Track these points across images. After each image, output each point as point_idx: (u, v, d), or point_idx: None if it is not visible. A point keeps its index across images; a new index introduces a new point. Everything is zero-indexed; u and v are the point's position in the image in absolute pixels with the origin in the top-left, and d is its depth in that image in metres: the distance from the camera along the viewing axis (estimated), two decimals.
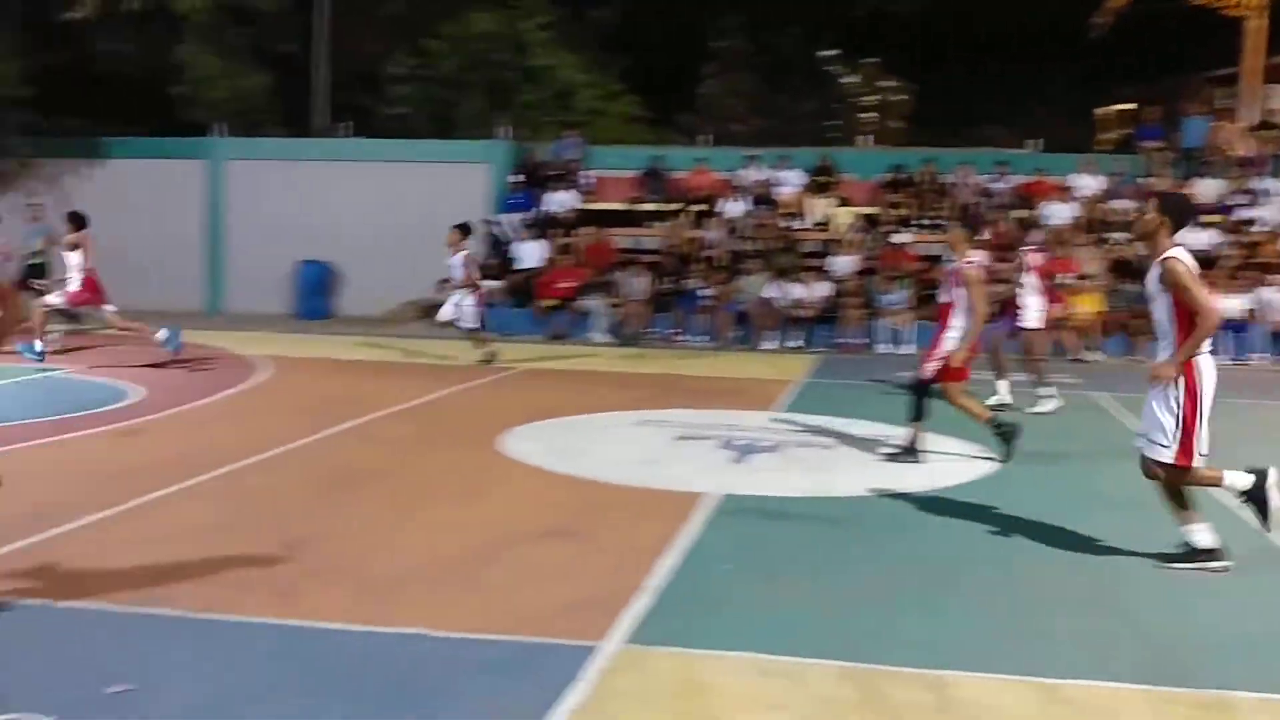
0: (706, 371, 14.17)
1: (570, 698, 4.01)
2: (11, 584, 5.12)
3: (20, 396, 10.97)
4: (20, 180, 20.63)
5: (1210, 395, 5.67)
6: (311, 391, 11.69)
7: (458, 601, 5.10)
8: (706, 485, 7.45)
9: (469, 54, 26.46)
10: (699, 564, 5.74)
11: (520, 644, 4.54)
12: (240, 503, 6.89)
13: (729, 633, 4.73)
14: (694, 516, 6.64)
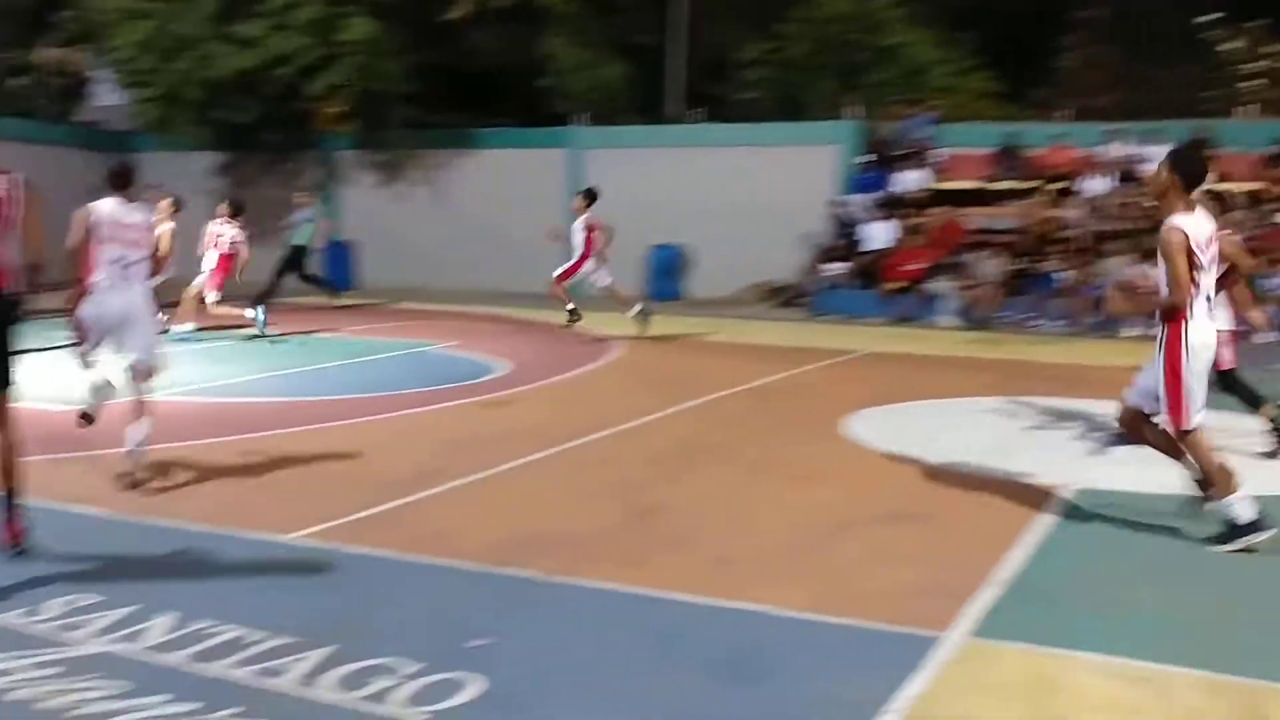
0: (1062, 358, 13.41)
1: (912, 686, 3.89)
2: (389, 540, 5.57)
3: (399, 369, 11.92)
4: (402, 171, 22.44)
5: (1198, 362, 5.52)
6: (661, 369, 12.01)
7: (799, 581, 5.07)
8: (1060, 477, 7.03)
9: (820, 37, 26.28)
10: (1051, 558, 5.42)
11: (861, 629, 4.46)
12: (594, 472, 7.17)
13: (1082, 632, 4.43)
14: (1046, 508, 6.29)
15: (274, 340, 13.60)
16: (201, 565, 5.25)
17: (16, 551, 5.25)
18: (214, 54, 20.30)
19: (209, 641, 4.22)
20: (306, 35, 20.00)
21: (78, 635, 4.28)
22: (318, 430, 8.46)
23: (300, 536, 5.60)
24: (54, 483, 6.56)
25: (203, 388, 10.24)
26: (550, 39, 21.20)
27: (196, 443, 7.88)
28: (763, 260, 19.77)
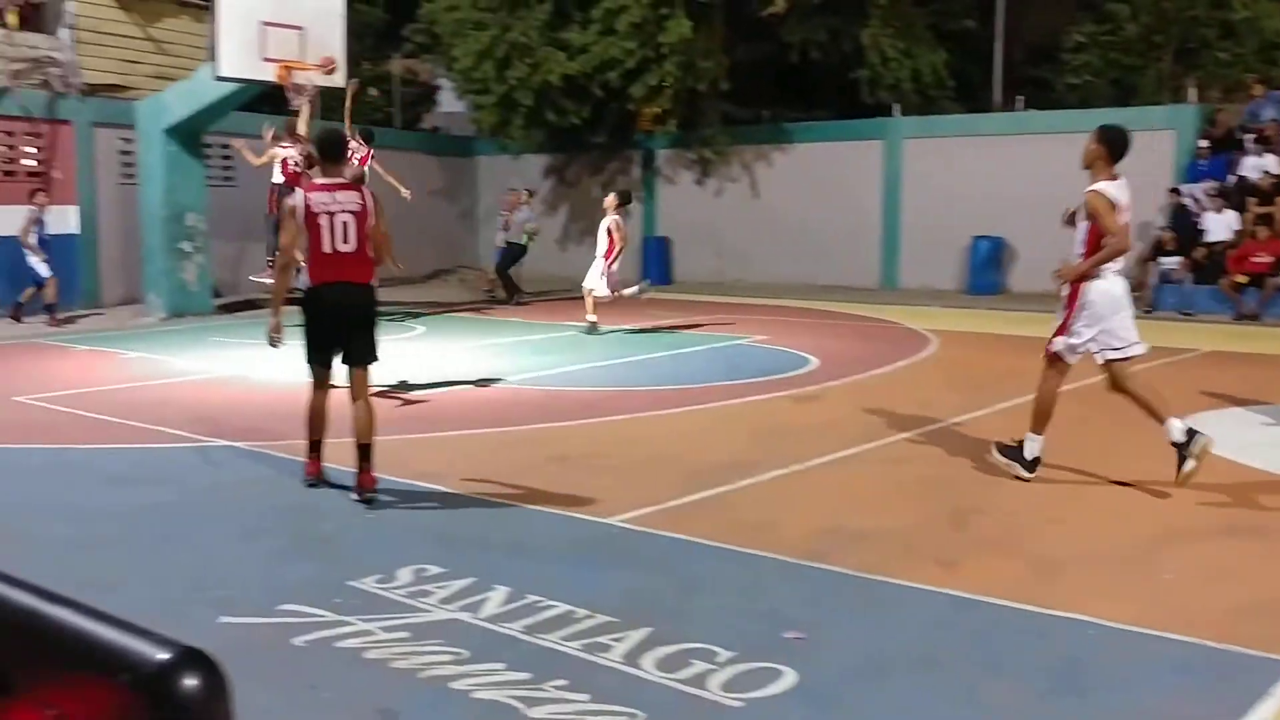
0: None
1: (1259, 712, 3.63)
2: (704, 527, 5.72)
3: (712, 361, 12.14)
4: (718, 167, 22.79)
5: (1101, 309, 6.53)
6: (978, 366, 11.65)
7: (1128, 592, 4.82)
8: None
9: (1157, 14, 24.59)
10: None
11: (1197, 646, 4.19)
12: (906, 470, 7.07)
13: None
14: None
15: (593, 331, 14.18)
16: (531, 542, 5.57)
17: (367, 499, 6.16)
18: (546, 61, 21.31)
19: (539, 615, 4.48)
20: (630, 39, 20.65)
21: (424, 603, 4.64)
22: (636, 419, 8.77)
23: (621, 520, 5.84)
24: (405, 460, 7.14)
25: (533, 376, 10.82)
26: (868, 29, 20.91)
27: (525, 427, 8.34)
28: None
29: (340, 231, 6.18)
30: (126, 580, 4.93)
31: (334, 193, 6.25)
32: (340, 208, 6.19)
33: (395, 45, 27.42)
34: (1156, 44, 24.58)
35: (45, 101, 16.51)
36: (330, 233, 6.16)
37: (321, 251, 6.20)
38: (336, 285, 6.24)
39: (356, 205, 6.23)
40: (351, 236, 6.19)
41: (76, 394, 9.83)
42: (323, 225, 6.17)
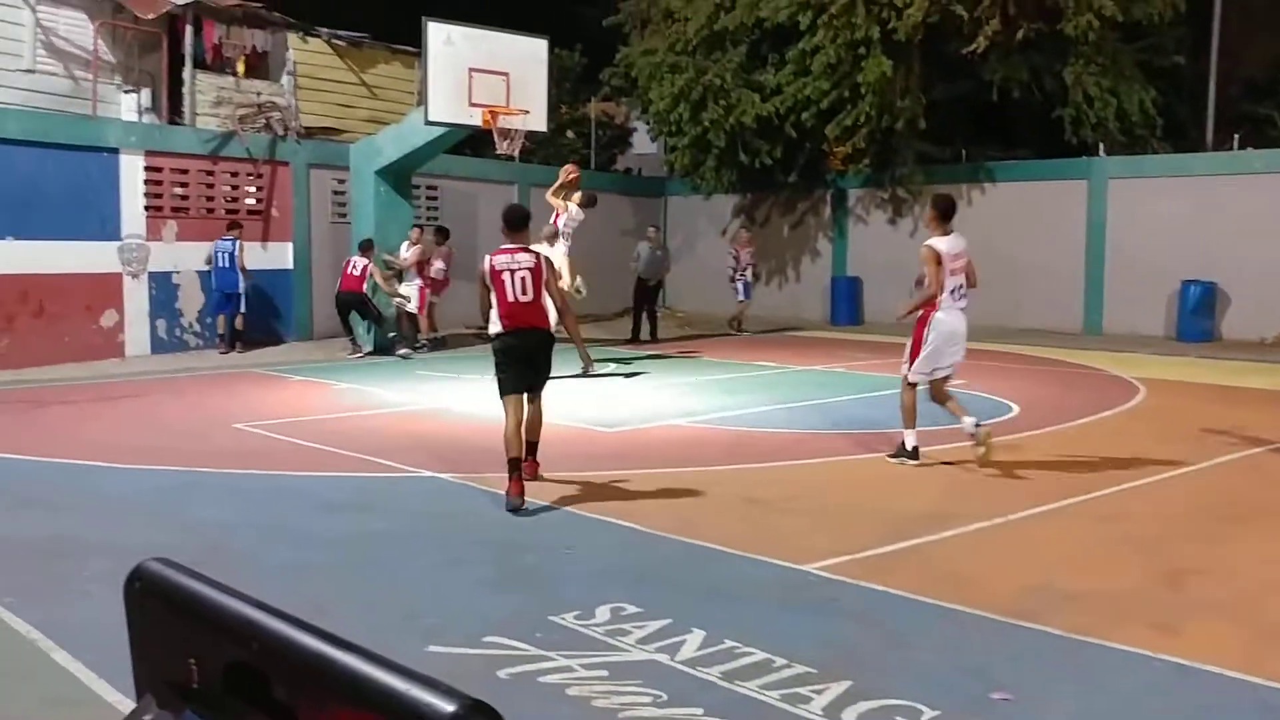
0: None
1: None
2: (903, 579, 5.59)
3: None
4: (911, 206, 22.45)
5: (937, 340, 8.43)
6: (1189, 418, 11.08)
7: None
8: None
9: None
10: None
11: None
12: (1115, 527, 6.77)
13: None
14: None
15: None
16: (725, 586, 5.56)
17: (514, 508, 6.88)
18: (740, 102, 21.46)
19: (737, 661, 4.46)
20: (825, 80, 20.61)
21: (622, 642, 4.69)
22: (829, 463, 8.68)
23: (818, 567, 5.77)
24: (602, 497, 7.25)
25: (724, 416, 10.83)
26: (1071, 67, 20.30)
27: (719, 468, 8.36)
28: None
29: (519, 286, 7.36)
30: (339, 604, 5.14)
31: (514, 255, 7.45)
32: (519, 266, 7.40)
33: (593, 89, 28.08)
34: None
35: (267, 144, 17.53)
36: (511, 287, 7.34)
37: (507, 302, 7.33)
38: (521, 331, 7.42)
39: (531, 265, 7.42)
40: (529, 289, 7.37)
41: (291, 422, 10.35)
42: (505, 282, 7.34)
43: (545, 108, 15.64)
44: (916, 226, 22.32)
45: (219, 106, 17.38)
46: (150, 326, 15.89)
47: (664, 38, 22.94)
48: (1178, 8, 20.39)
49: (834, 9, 20.19)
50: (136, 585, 1.13)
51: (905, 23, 19.82)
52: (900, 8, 19.89)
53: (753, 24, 21.59)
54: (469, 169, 21.50)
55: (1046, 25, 19.94)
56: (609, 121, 30.53)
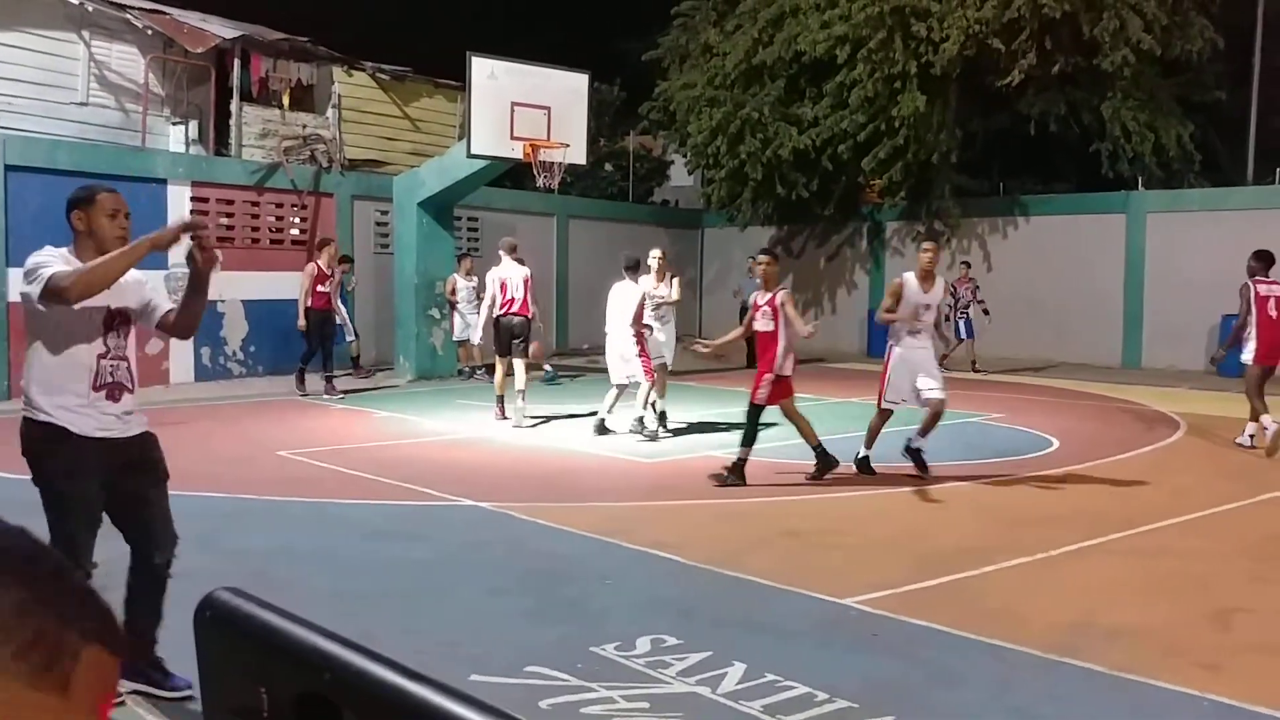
0: None
1: None
2: (945, 614, 5.58)
3: (945, 439, 11.84)
4: (947, 240, 22.43)
5: (894, 374, 9.25)
6: (1232, 454, 10.98)
7: None
8: None
9: None
10: None
11: None
12: (1159, 563, 6.73)
13: None
14: None
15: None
16: (766, 619, 5.58)
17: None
18: (778, 135, 21.57)
19: (779, 695, 4.48)
20: (862, 114, 20.70)
21: (663, 674, 4.71)
22: (867, 495, 8.68)
23: (858, 601, 5.78)
24: (642, 528, 7.29)
25: (757, 448, 10.81)
26: (1109, 101, 20.28)
27: (757, 500, 8.37)
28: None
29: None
30: (384, 632, 5.19)
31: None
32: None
33: (632, 122, 28.30)
34: None
35: (311, 175, 17.78)
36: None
37: None
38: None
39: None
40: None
41: (335, 450, 10.46)
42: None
43: (585, 141, 15.77)
44: (954, 259, 22.28)
45: (265, 138, 17.66)
46: (195, 354, 16.11)
47: (702, 72, 23.12)
48: (1216, 44, 20.35)
49: (872, 43, 20.30)
50: (207, 614, 1.13)
51: (942, 56, 19.89)
52: (937, 42, 19.97)
53: (790, 58, 21.74)
54: (509, 201, 21.71)
55: (1084, 59, 19.95)
56: (647, 154, 30.73)
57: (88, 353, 4.19)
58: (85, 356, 4.18)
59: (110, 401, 4.24)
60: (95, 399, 4.20)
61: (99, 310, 4.19)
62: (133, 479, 4.32)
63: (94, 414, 4.19)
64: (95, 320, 4.20)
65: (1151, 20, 19.43)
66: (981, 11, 19.68)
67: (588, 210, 24.44)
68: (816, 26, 21.00)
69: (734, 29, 22.94)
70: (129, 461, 4.30)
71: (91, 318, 4.18)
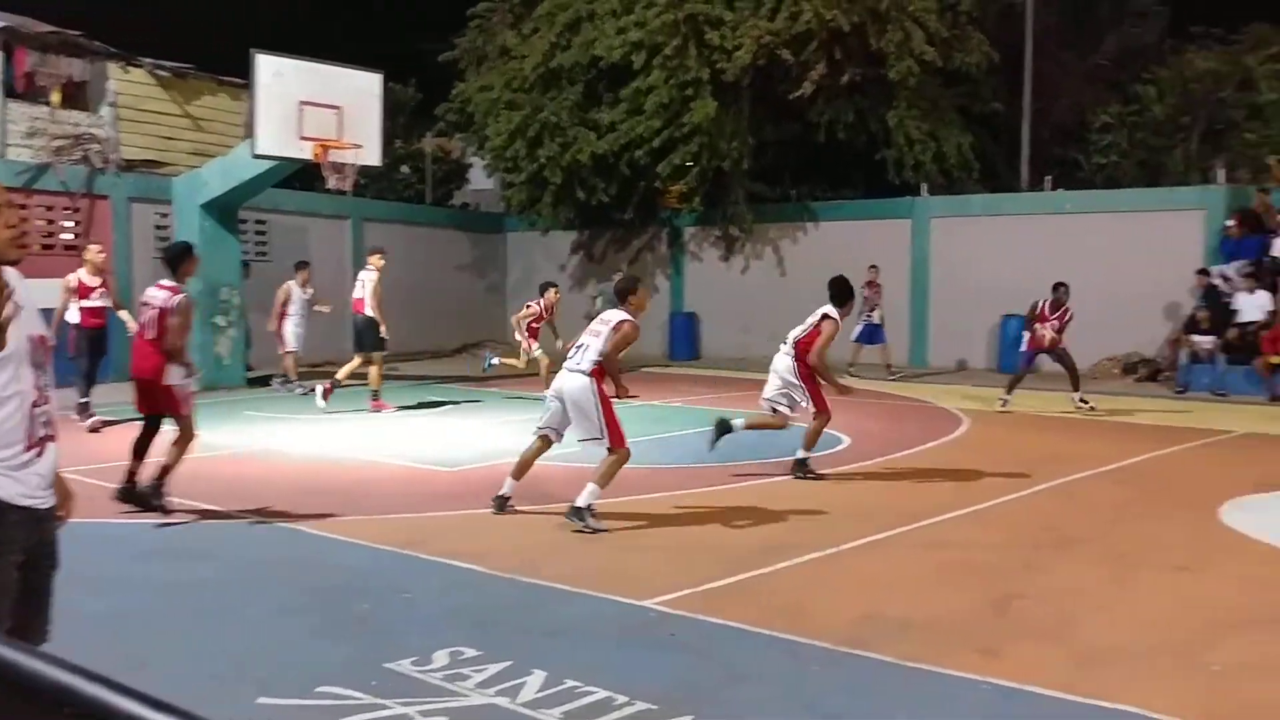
0: None
1: None
2: (742, 611, 5.65)
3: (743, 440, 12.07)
4: (744, 244, 22.95)
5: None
6: (1012, 447, 11.57)
7: (1179, 684, 4.73)
8: None
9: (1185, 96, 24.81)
10: None
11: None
12: (944, 555, 6.99)
13: None
14: None
15: None
16: (566, 625, 5.52)
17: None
18: (576, 139, 21.63)
19: (578, 701, 4.42)
20: (656, 119, 20.97)
21: (461, 687, 4.59)
22: (667, 498, 8.73)
23: (658, 602, 5.78)
24: (438, 538, 7.12)
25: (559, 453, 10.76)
26: (894, 111, 21.14)
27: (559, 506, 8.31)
28: (1121, 333, 18.73)
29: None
30: (164, 657, 4.91)
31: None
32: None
33: (428, 124, 27.91)
34: (1183, 125, 24.75)
35: (84, 177, 16.81)
36: None
37: None
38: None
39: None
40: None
41: (111, 467, 9.86)
42: None
43: (379, 142, 15.44)
44: (749, 264, 22.84)
45: (33, 137, 16.61)
46: None
47: (501, 74, 22.99)
48: (992, 57, 21.47)
49: (667, 50, 20.59)
50: None
51: (734, 65, 20.34)
52: (730, 51, 20.41)
53: (588, 62, 21.83)
54: (299, 203, 21.06)
55: (871, 70, 20.72)
56: (444, 157, 30.35)
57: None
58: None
59: (39, 459, 3.23)
60: (29, 457, 3.19)
61: (23, 340, 3.13)
62: (38, 566, 3.32)
63: (25, 475, 3.19)
64: (22, 352, 3.15)
65: (934, 33, 20.34)
66: (773, 22, 20.22)
67: (383, 213, 23.94)
68: (613, 32, 21.17)
69: (531, 32, 22.90)
70: (42, 541, 3.32)
71: (20, 349, 3.12)
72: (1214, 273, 17.93)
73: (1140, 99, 25.40)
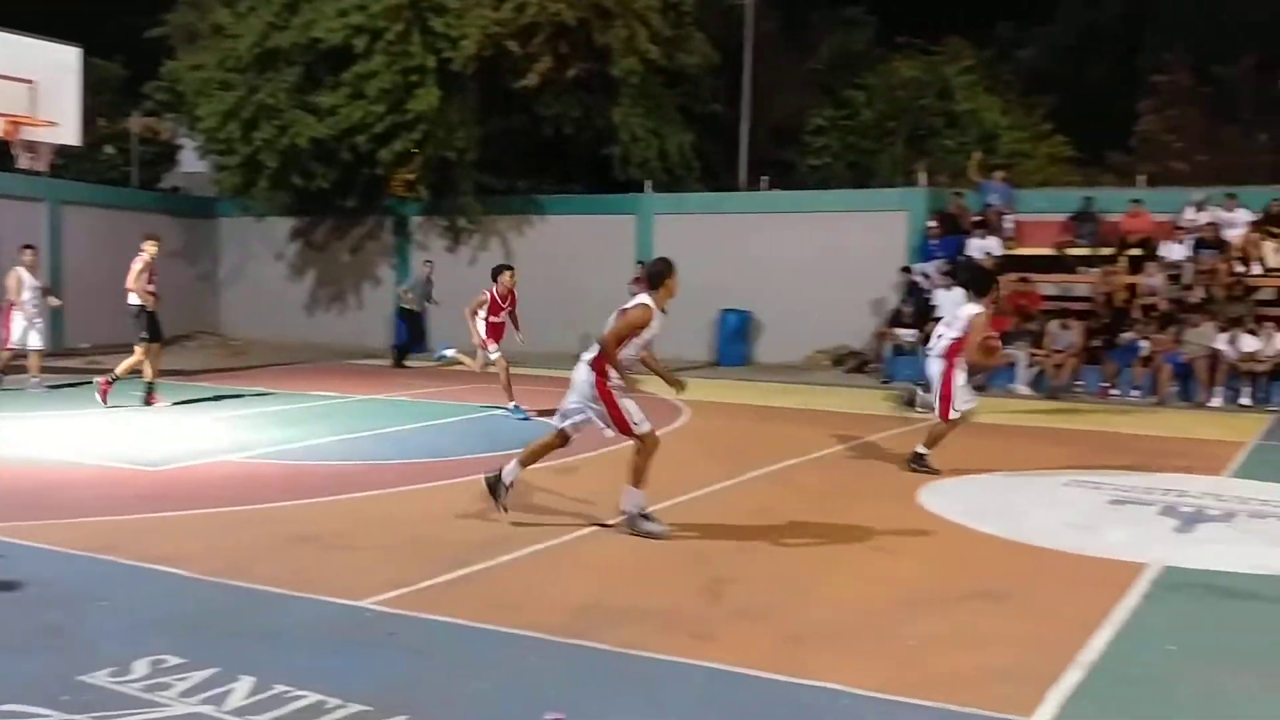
0: (1144, 430, 13.15)
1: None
2: (461, 607, 5.57)
3: (467, 433, 11.98)
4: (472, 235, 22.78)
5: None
6: (728, 436, 11.97)
7: (878, 659, 4.99)
8: (1146, 555, 6.87)
9: (891, 102, 26.43)
10: (1137, 641, 5.28)
11: (940, 710, 4.36)
12: (663, 542, 7.13)
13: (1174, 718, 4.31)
14: (1132, 589, 6.13)
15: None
16: (277, 628, 5.29)
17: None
18: (293, 123, 20.88)
19: (288, 706, 4.24)
20: (379, 104, 20.53)
21: (163, 697, 4.32)
22: (388, 495, 8.53)
23: (375, 602, 5.63)
24: (140, 542, 6.69)
25: (276, 450, 10.38)
26: (619, 108, 21.48)
27: (269, 505, 7.98)
28: (831, 326, 19.72)
29: None
30: None
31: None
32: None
33: (136, 102, 26.27)
34: (890, 130, 26.35)
35: None
36: None
37: None
38: None
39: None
40: None
41: None
42: None
43: (78, 120, 14.40)
44: (476, 255, 22.69)
45: None
46: None
47: (214, 53, 21.92)
48: (713, 59, 22.15)
49: (390, 35, 20.19)
50: None
51: (460, 54, 20.15)
52: (455, 39, 20.21)
53: (307, 44, 21.10)
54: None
55: (596, 66, 20.96)
56: (153, 138, 28.67)
57: None
58: None
59: None
60: None
61: None
62: None
63: None
64: None
65: (657, 32, 20.77)
66: (499, 13, 20.13)
67: (85, 196, 22.38)
68: (333, 14, 20.58)
69: (247, 10, 21.93)
70: None
71: None
72: (916, 270, 19.14)
73: (851, 104, 26.88)
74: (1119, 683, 4.73)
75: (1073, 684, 4.64)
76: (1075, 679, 4.70)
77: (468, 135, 21.28)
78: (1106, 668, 4.88)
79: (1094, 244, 18.74)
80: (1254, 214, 18.12)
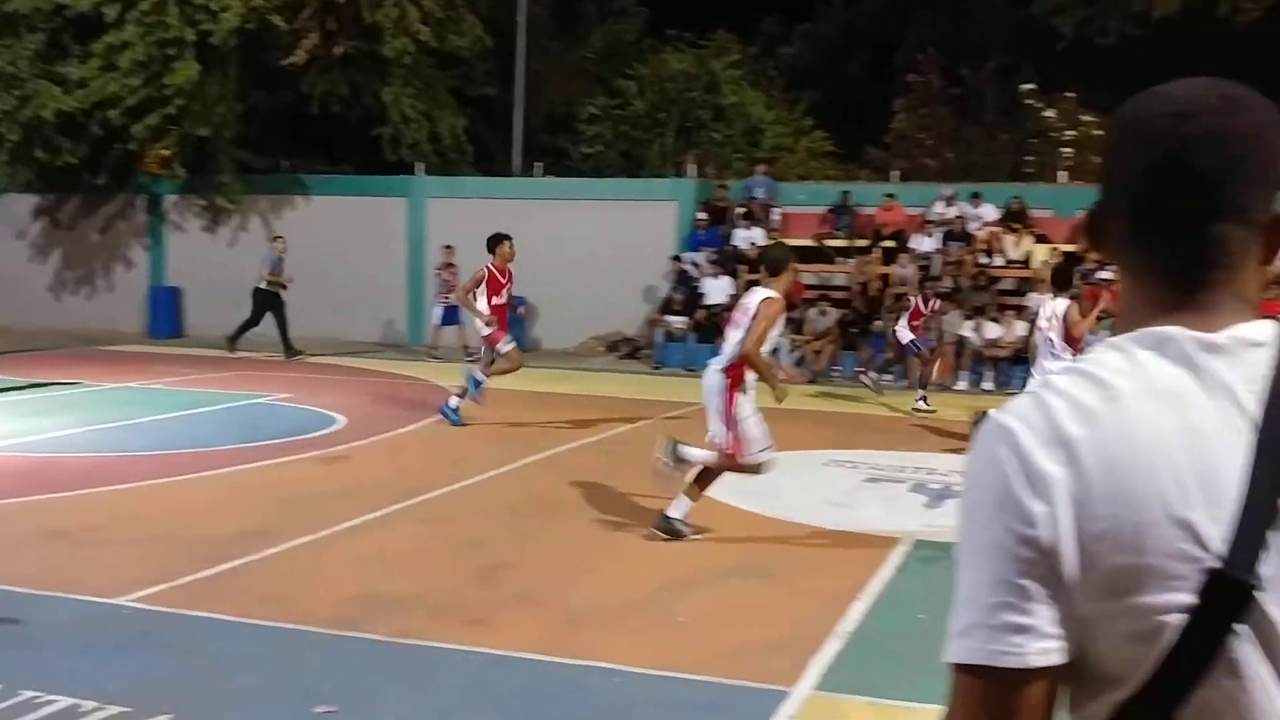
0: (897, 412, 13.87)
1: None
2: (225, 603, 5.38)
3: (229, 422, 11.54)
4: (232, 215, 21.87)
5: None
6: (505, 422, 11.92)
7: (648, 637, 5.10)
8: (899, 528, 7.27)
9: (661, 94, 26.89)
10: (892, 610, 5.59)
11: (710, 684, 4.51)
12: (437, 530, 7.08)
13: (924, 684, 4.57)
14: (887, 561, 6.48)
15: None
16: (23, 631, 4.98)
17: None
18: (37, 93, 19.55)
19: (39, 712, 4.02)
20: (134, 77, 19.46)
21: None
22: (143, 487, 8.13)
23: (132, 599, 5.37)
24: None
25: (20, 442, 9.73)
26: (389, 88, 21.04)
27: (14, 500, 7.48)
28: (605, 313, 19.92)
29: None
30: None
31: None
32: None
33: None
34: (660, 121, 26.80)
35: None
36: None
37: None
38: None
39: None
40: None
41: None
42: None
43: None
44: (237, 237, 21.85)
45: None
46: None
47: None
48: (485, 42, 21.98)
49: (144, 5, 19.16)
50: None
51: (221, 28, 19.32)
52: (215, 12, 19.37)
53: (52, 10, 19.76)
54: None
55: (366, 44, 20.47)
56: None
57: None
58: None
59: None
60: None
61: None
62: None
63: None
64: None
65: (428, 12, 20.44)
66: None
67: None
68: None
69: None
70: None
71: None
72: (685, 259, 19.56)
73: (623, 94, 27.19)
74: (876, 650, 5.00)
75: (833, 653, 4.88)
76: (835, 649, 4.94)
77: (228, 111, 20.41)
78: (864, 636, 5.14)
79: (851, 235, 19.60)
80: (997, 210, 19.37)
